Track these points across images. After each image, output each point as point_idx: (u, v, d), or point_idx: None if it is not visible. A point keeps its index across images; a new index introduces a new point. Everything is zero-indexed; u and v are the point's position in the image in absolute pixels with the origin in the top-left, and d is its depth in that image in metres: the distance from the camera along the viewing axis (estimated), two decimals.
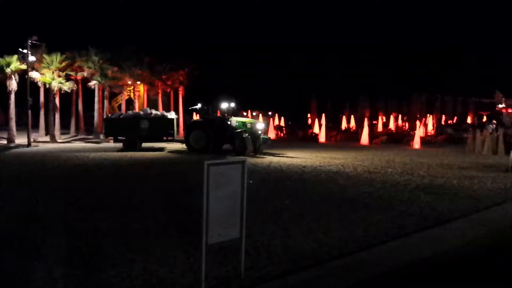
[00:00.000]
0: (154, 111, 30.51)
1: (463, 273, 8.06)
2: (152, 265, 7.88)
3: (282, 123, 50.64)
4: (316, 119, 47.13)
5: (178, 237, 9.59)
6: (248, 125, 26.72)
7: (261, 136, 26.67)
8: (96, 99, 37.12)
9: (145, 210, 11.94)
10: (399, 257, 8.60)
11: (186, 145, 27.35)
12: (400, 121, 54.49)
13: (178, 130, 28.95)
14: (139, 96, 43.99)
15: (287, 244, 9.29)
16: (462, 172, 20.56)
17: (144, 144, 29.61)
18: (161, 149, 29.47)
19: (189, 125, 28.46)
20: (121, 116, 30.99)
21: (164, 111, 32.11)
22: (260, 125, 27.47)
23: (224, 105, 27.98)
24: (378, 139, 38.76)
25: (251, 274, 7.61)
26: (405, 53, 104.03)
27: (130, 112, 34.88)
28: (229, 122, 26.56)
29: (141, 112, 30.80)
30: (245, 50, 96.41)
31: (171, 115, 30.68)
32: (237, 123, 26.67)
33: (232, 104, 28.35)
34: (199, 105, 28.91)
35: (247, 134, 25.22)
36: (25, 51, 30.59)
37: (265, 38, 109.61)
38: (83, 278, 7.26)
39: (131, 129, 28.74)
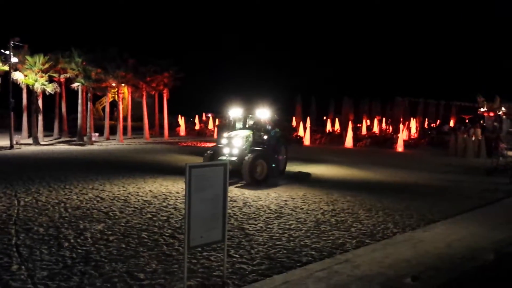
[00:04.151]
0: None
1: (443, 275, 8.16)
2: (134, 268, 7.86)
3: None
4: (301, 122, 47.26)
5: (162, 239, 9.57)
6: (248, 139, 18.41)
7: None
8: (80, 101, 36.77)
9: (130, 213, 11.91)
10: (382, 258, 8.68)
11: None
12: (383, 125, 54.88)
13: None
14: (123, 98, 43.72)
15: (267, 246, 9.33)
16: (445, 175, 20.81)
17: None
18: None
19: None
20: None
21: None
22: (239, 138, 17.93)
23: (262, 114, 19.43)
24: (362, 142, 39.02)
25: (233, 275, 7.63)
26: (390, 56, 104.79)
27: None
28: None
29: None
30: (229, 52, 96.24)
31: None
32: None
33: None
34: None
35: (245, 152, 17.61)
36: (7, 52, 30.21)
37: (248, 40, 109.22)
38: (65, 280, 7.23)
39: None
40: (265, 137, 18.48)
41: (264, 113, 19.25)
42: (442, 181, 19.09)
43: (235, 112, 19.88)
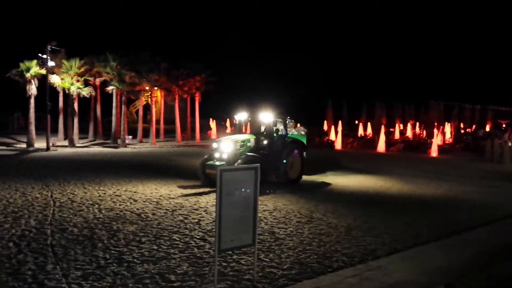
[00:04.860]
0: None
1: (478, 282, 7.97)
2: (166, 270, 7.95)
3: None
4: (332, 126, 46.96)
5: (193, 242, 9.64)
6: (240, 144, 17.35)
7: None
8: (114, 104, 37.38)
9: (161, 215, 12.04)
10: (415, 265, 8.54)
11: None
12: (417, 129, 54.02)
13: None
14: (156, 101, 44.27)
15: (298, 251, 9.29)
16: (481, 181, 20.34)
17: None
18: None
19: None
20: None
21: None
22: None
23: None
24: (395, 146, 38.44)
25: (264, 279, 7.63)
26: (423, 59, 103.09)
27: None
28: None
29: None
30: (258, 55, 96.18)
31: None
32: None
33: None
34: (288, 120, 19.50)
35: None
36: (44, 56, 30.99)
37: (275, 43, 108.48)
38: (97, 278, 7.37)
39: None
40: (265, 142, 17.64)
41: (267, 117, 18.09)
42: (480, 187, 18.64)
43: (241, 115, 19.05)
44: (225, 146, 16.72)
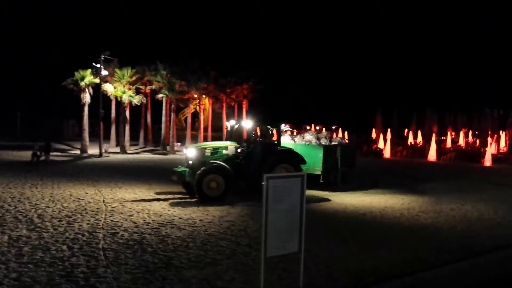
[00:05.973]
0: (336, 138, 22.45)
1: None
2: (212, 276, 8.01)
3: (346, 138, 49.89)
4: (381, 134, 46.21)
5: (239, 249, 9.69)
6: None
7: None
8: (164, 111, 38.24)
9: (209, 221, 12.17)
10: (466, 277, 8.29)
11: None
12: (470, 137, 52.41)
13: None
14: (204, 109, 44.92)
15: (347, 260, 9.17)
16: None
17: None
18: None
19: None
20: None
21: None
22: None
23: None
24: (446, 155, 37.44)
25: None
26: (475, 65, 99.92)
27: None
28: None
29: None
30: (307, 62, 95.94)
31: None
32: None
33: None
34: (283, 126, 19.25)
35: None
36: (98, 65, 32.07)
37: (327, 50, 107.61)
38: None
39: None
40: (239, 150, 16.71)
41: (247, 123, 17.86)
42: None
43: (231, 122, 18.54)
44: (190, 153, 16.15)
